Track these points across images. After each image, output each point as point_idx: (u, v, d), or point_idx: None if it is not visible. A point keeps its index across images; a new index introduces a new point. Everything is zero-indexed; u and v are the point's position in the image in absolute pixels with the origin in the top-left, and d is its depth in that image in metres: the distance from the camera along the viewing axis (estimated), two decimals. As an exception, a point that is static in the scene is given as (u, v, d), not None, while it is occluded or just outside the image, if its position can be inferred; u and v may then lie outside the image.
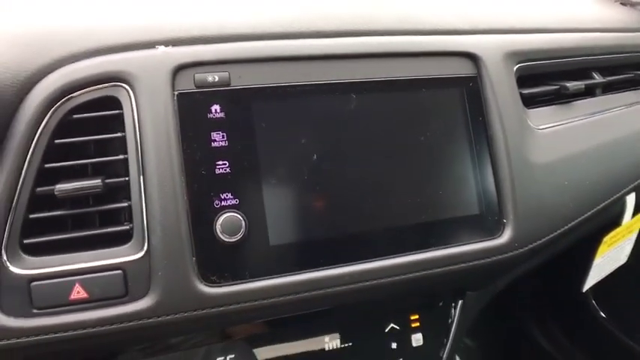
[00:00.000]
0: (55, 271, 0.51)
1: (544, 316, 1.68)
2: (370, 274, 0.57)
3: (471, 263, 0.61)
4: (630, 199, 0.91)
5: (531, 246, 0.65)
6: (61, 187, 0.51)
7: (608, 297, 1.50)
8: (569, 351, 1.61)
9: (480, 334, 1.72)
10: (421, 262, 0.59)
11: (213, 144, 0.54)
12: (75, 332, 0.51)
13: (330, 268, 0.56)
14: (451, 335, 0.70)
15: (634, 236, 1.05)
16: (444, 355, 0.70)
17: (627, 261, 1.15)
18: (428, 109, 0.62)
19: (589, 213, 0.72)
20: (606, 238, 0.94)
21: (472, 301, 0.73)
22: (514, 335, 1.74)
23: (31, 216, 0.51)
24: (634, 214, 0.98)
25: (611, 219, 0.93)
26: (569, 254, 1.09)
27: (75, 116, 0.53)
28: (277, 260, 0.55)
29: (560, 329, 1.65)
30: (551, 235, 0.67)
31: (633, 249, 1.11)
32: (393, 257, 0.58)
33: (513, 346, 1.74)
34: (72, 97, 0.52)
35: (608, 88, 0.85)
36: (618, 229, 0.96)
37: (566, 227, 0.69)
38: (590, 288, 1.53)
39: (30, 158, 0.51)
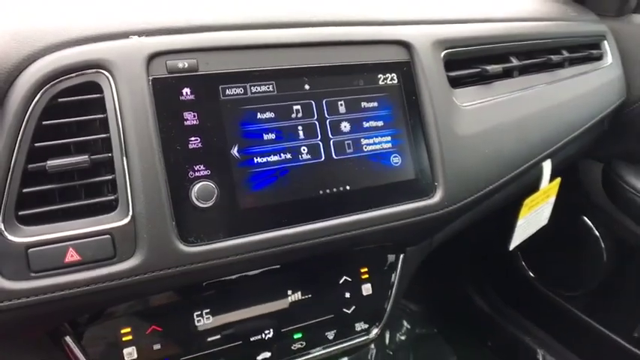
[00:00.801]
0: (49, 238, 0.57)
1: (480, 280, 1.85)
2: (324, 232, 0.67)
3: (409, 220, 0.72)
4: (546, 166, 1.06)
5: (459, 204, 0.77)
6: (52, 163, 0.57)
7: (535, 259, 1.67)
8: (503, 310, 1.79)
9: (423, 299, 1.87)
10: (367, 220, 0.70)
11: (185, 122, 0.62)
12: (70, 291, 0.58)
13: (290, 228, 0.66)
14: (395, 284, 0.82)
15: (552, 200, 1.20)
16: (390, 300, 0.81)
17: (548, 226, 1.31)
18: (369, 89, 0.72)
19: (508, 177, 0.85)
20: (527, 201, 1.09)
21: (412, 255, 0.84)
22: (454, 299, 1.90)
23: (25, 190, 0.57)
24: (550, 180, 1.13)
25: (530, 184, 1.07)
26: (497, 219, 1.23)
27: (60, 100, 0.59)
28: (245, 222, 0.64)
29: (495, 291, 1.82)
30: (476, 195, 0.79)
31: (552, 215, 1.26)
32: (344, 217, 0.69)
33: (454, 309, 1.90)
34: (56, 83, 0.59)
35: (525, 71, 0.98)
36: (537, 194, 1.11)
37: (488, 189, 0.81)
38: (520, 251, 1.71)
39: (21, 138, 0.57)
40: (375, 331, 0.81)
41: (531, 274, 1.67)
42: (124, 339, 0.66)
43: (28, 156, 0.57)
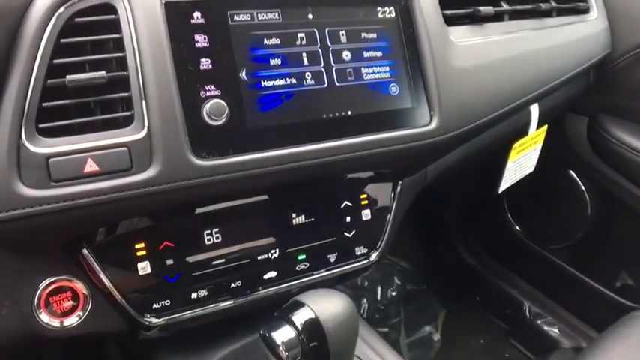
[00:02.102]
0: (69, 150, 0.60)
1: (468, 236, 1.91)
2: (327, 152, 0.71)
3: (407, 145, 0.77)
4: (534, 110, 1.10)
5: (454, 133, 0.81)
6: (72, 77, 0.60)
7: (521, 213, 1.73)
8: (490, 264, 1.85)
9: (413, 257, 1.93)
10: (367, 142, 0.74)
11: (196, 44, 0.65)
12: (89, 199, 0.61)
13: (295, 147, 0.70)
14: (392, 212, 0.86)
15: (538, 148, 1.25)
16: (388, 227, 0.86)
17: (535, 180, 1.36)
18: (369, 21, 0.76)
19: (499, 112, 0.89)
20: (516, 145, 1.14)
21: (408, 186, 0.89)
22: (443, 255, 1.96)
23: (45, 104, 0.60)
24: (538, 126, 1.18)
25: (520, 128, 1.12)
26: (486, 171, 1.28)
27: (77, 19, 0.62)
28: (254, 140, 0.68)
29: (483, 246, 1.89)
30: (469, 126, 0.84)
31: (538, 169, 1.32)
32: (346, 139, 0.73)
33: (442, 265, 1.96)
34: (73, 4, 0.61)
35: (514, 16, 1.02)
36: (525, 138, 1.16)
37: (481, 121, 0.86)
38: (506, 206, 1.76)
39: (41, 55, 0.60)
40: (374, 256, 0.86)
41: (517, 228, 1.73)
42: (138, 254, 0.69)
43: (47, 72, 0.60)
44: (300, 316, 0.59)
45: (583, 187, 1.55)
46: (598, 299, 1.59)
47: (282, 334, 0.59)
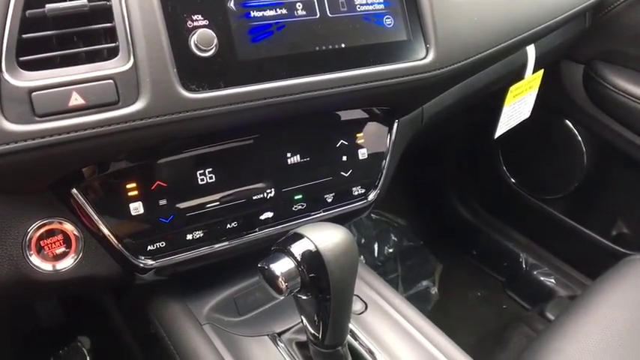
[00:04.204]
0: (52, 83, 0.57)
1: (464, 191, 1.90)
2: (320, 85, 0.69)
3: (403, 79, 0.74)
4: (530, 51, 1.08)
5: (450, 67, 0.79)
6: (51, 7, 0.57)
7: (516, 165, 1.73)
8: (487, 218, 1.86)
9: (410, 214, 1.93)
10: (362, 75, 0.72)
11: (181, -29, 0.62)
12: (75, 134, 0.58)
13: (287, 80, 0.67)
14: (389, 152, 0.84)
15: (534, 93, 1.24)
16: (385, 168, 0.84)
17: (530, 131, 1.35)
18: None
19: (495, 48, 0.87)
20: (512, 88, 1.12)
21: (404, 126, 0.87)
22: (439, 211, 1.96)
23: (24, 36, 0.58)
24: (534, 70, 1.16)
25: (516, 72, 1.10)
26: (480, 128, 1.26)
27: (55, -55, 0.58)
28: (244, 73, 0.65)
29: (479, 201, 1.88)
30: (465, 61, 0.81)
31: (534, 120, 1.30)
32: (339, 72, 0.70)
33: (439, 221, 1.96)
34: None
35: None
36: (522, 82, 1.14)
37: (477, 56, 0.83)
38: (502, 159, 1.75)
39: (18, -17, 0.57)
40: (371, 196, 0.84)
41: (513, 181, 1.73)
42: (129, 194, 0.68)
43: (25, 2, 0.57)
44: (299, 248, 0.58)
45: (579, 136, 1.54)
46: (594, 248, 1.60)
47: (281, 266, 0.57)
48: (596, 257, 1.59)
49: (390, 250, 1.81)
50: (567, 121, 1.54)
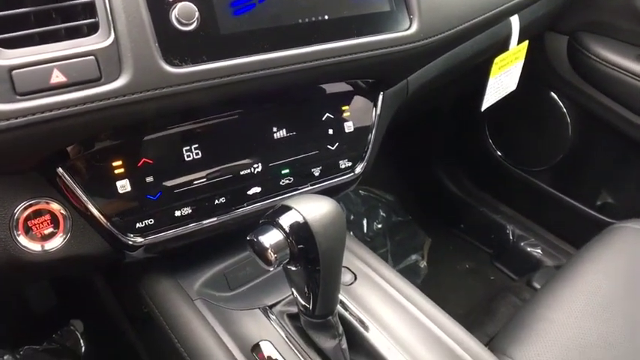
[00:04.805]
0: (32, 60, 0.57)
1: (452, 166, 1.92)
2: (304, 57, 0.69)
3: (387, 50, 0.74)
4: (515, 22, 1.08)
5: (434, 38, 0.79)
6: (28, -18, 0.56)
7: (502, 138, 1.74)
8: (474, 192, 1.87)
9: (398, 189, 1.94)
10: (346, 47, 0.71)
11: (161, -54, 0.61)
12: (59, 111, 0.58)
13: (271, 53, 0.67)
14: (375, 125, 0.85)
15: (520, 64, 1.24)
16: (371, 141, 0.85)
17: (516, 103, 1.35)
18: None
19: (479, 18, 0.87)
20: (497, 60, 1.12)
21: (389, 98, 0.87)
22: (427, 186, 1.98)
23: (1, 13, 0.56)
24: (519, 41, 1.16)
25: (501, 43, 1.10)
26: (469, 95, 1.26)
27: None
28: (227, 46, 0.65)
29: (466, 175, 1.90)
30: (450, 32, 0.82)
31: (520, 92, 1.31)
32: (323, 44, 0.70)
33: (427, 196, 1.98)
34: None
35: None
36: (507, 53, 1.14)
37: (461, 27, 0.84)
38: (488, 132, 1.77)
39: (-9, -44, 0.56)
40: (358, 169, 0.85)
41: (499, 154, 1.74)
42: (116, 172, 0.67)
43: (1, -22, 0.56)
44: (287, 219, 0.58)
45: (564, 108, 1.55)
46: (579, 218, 1.62)
47: (270, 238, 0.58)
48: (582, 227, 1.61)
49: (379, 226, 1.82)
50: (552, 93, 1.55)
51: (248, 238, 0.59)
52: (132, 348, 1.18)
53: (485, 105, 1.17)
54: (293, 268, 0.61)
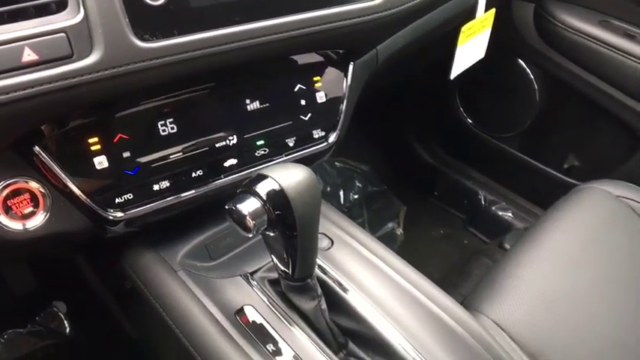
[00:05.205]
0: (3, 39, 0.57)
1: (424, 135, 1.95)
2: (274, 29, 0.70)
3: (354, 20, 0.76)
4: (480, -10, 1.11)
5: (400, 8, 0.81)
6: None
7: (472, 105, 1.78)
8: (446, 160, 1.92)
9: (372, 160, 1.97)
10: (316, 18, 0.73)
11: None
12: (32, 89, 0.58)
13: (242, 25, 0.68)
14: (346, 95, 0.87)
15: (487, 32, 1.27)
16: (343, 110, 0.87)
17: (485, 71, 1.38)
18: None
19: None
20: (464, 28, 1.14)
21: (359, 68, 0.89)
22: (401, 156, 2.01)
23: None
24: (486, 9, 1.19)
25: (467, 11, 1.12)
26: (439, 65, 1.29)
27: None
28: (197, 20, 0.66)
29: (438, 143, 1.94)
30: (416, 0, 0.83)
31: (488, 60, 1.33)
32: (293, 15, 0.72)
33: (401, 166, 2.02)
34: None
35: None
36: (474, 21, 1.16)
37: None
38: (459, 100, 1.80)
39: None
40: (332, 138, 0.87)
41: (470, 121, 1.78)
42: (92, 148, 0.68)
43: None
44: (263, 187, 0.60)
45: (531, 75, 1.59)
46: (548, 181, 1.68)
47: (248, 205, 0.60)
48: (550, 190, 1.66)
49: (356, 197, 1.85)
50: (520, 60, 1.59)
51: (226, 207, 0.61)
52: (117, 324, 1.20)
53: (453, 73, 1.20)
54: (271, 234, 0.63)
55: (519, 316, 0.98)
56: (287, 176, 0.61)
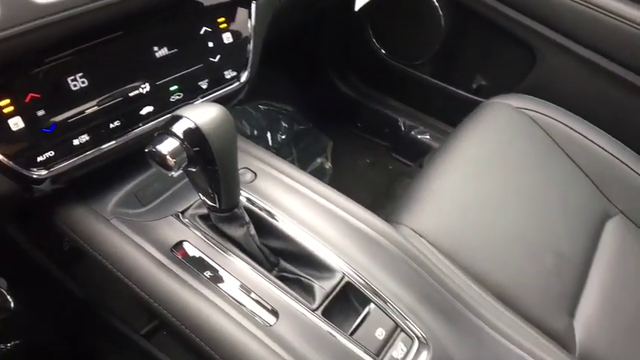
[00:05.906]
0: None
1: (343, 70, 2.01)
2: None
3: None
4: None
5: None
6: None
7: (384, 37, 1.84)
8: (366, 91, 1.99)
9: (296, 100, 2.01)
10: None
11: None
12: None
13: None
14: (252, 33, 0.90)
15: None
16: (251, 48, 0.90)
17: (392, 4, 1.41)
18: None
19: None
20: (361, -40, 1.18)
21: (261, 6, 0.91)
22: (323, 93, 2.07)
23: None
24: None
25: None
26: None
27: None
28: (92, -29, 0.67)
29: (357, 77, 2.01)
30: None
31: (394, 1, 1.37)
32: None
33: (324, 102, 2.08)
34: None
35: None
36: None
37: None
38: (371, 32, 1.85)
39: None
40: (244, 77, 0.91)
41: (383, 52, 1.85)
42: (5, 110, 0.69)
43: None
44: (179, 127, 0.64)
45: (435, 2, 1.66)
46: (459, 102, 1.78)
47: (167, 146, 0.63)
48: (462, 110, 1.77)
49: (283, 137, 1.91)
50: (423, -12, 1.64)
51: (146, 150, 0.65)
52: (64, 289, 1.21)
53: (358, 4, 1.24)
54: (193, 170, 0.68)
55: (435, 223, 1.09)
56: (200, 114, 0.65)
